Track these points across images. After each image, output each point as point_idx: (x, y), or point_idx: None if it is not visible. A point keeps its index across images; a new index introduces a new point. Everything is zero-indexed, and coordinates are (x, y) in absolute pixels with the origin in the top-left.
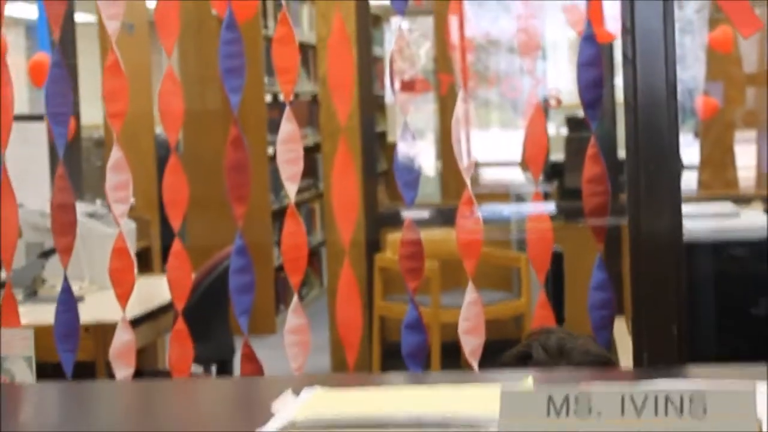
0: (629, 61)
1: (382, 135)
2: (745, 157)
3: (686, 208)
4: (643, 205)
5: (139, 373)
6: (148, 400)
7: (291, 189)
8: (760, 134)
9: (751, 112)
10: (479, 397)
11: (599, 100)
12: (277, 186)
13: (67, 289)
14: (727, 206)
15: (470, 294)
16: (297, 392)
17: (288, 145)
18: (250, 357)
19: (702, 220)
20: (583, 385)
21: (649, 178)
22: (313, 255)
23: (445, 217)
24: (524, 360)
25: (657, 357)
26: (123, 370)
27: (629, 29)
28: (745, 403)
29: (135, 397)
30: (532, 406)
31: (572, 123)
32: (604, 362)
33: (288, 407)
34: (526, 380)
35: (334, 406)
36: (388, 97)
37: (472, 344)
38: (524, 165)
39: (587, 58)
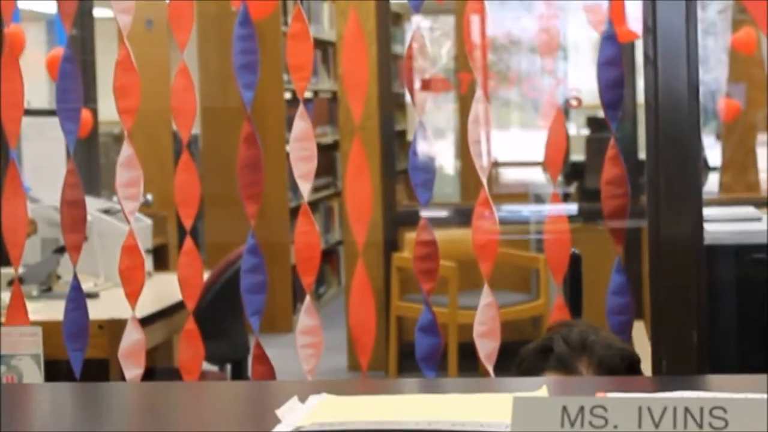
0: (651, 62)
1: (402, 133)
2: (765, 160)
3: (707, 212)
4: (663, 208)
5: (152, 372)
6: (155, 403)
7: (304, 187)
8: None
9: None
10: (491, 404)
11: (620, 100)
12: (295, 183)
13: (76, 287)
14: (750, 210)
15: (485, 297)
16: (305, 398)
17: (301, 143)
18: (261, 358)
19: (723, 224)
20: (599, 395)
21: (669, 181)
22: (332, 253)
23: (464, 216)
24: (545, 353)
25: (676, 364)
26: (132, 370)
27: (651, 29)
28: (767, 415)
29: (141, 401)
30: (546, 415)
31: (593, 123)
32: (627, 357)
33: (293, 413)
34: (541, 389)
35: (341, 413)
36: (408, 96)
37: (487, 348)
38: (545, 165)
39: (608, 57)
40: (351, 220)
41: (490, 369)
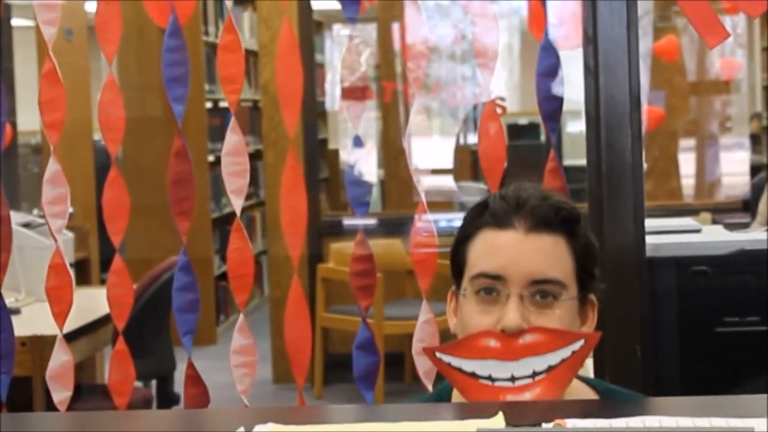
0: (591, 72)
1: (323, 142)
2: (687, 166)
3: (647, 223)
4: (606, 220)
5: (77, 389)
6: None
7: (237, 203)
8: (701, 143)
9: (693, 120)
10: None
11: (559, 111)
12: (217, 194)
13: (2, 307)
14: (688, 221)
15: (424, 313)
16: (250, 427)
17: (233, 158)
18: (194, 380)
19: (663, 235)
20: (558, 422)
21: (611, 192)
22: (254, 264)
23: (387, 226)
24: (482, 210)
25: (620, 379)
26: (61, 392)
27: (591, 39)
28: None
29: None
30: None
31: (513, 131)
32: (563, 209)
33: None
34: (497, 416)
35: None
36: (329, 104)
37: (426, 365)
38: (456, 172)
39: (546, 68)
40: (286, 234)
41: (429, 386)
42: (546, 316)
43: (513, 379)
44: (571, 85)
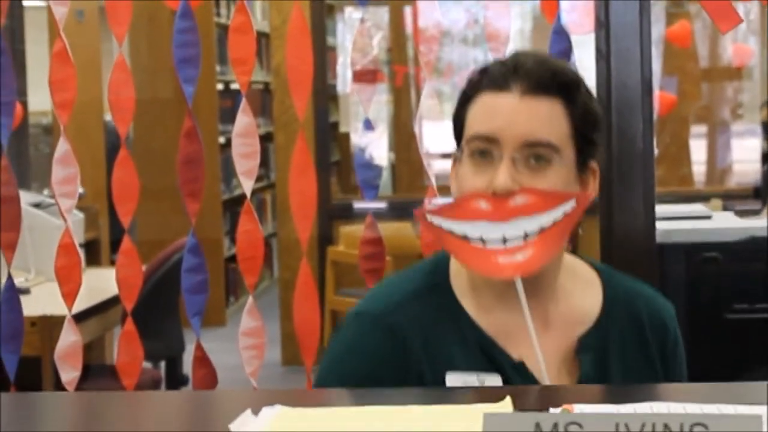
0: (603, 57)
1: (334, 125)
2: (698, 152)
3: (658, 209)
4: (616, 205)
5: (87, 369)
6: (96, 415)
7: (247, 185)
8: (713, 129)
9: (705, 107)
10: (458, 417)
11: None
12: (228, 175)
13: (11, 287)
14: (699, 207)
15: None
16: (257, 410)
17: (244, 139)
18: (202, 361)
19: (674, 222)
20: (566, 407)
21: (622, 178)
22: (265, 246)
23: (397, 210)
24: (481, 75)
25: None
26: (69, 372)
27: (604, 24)
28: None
29: (79, 413)
30: (517, 431)
31: None
32: (560, 73)
33: (248, 427)
34: (504, 400)
35: (300, 427)
36: (340, 87)
37: None
38: None
39: (558, 51)
40: (295, 217)
41: None
42: (539, 180)
43: (504, 240)
44: (583, 70)
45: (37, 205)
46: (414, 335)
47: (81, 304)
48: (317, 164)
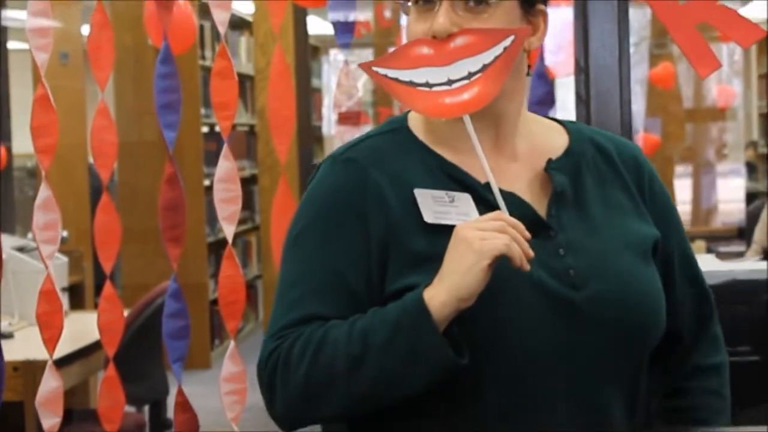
0: (583, 101)
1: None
2: (683, 192)
3: None
4: None
5: (69, 414)
6: None
7: (228, 230)
8: (697, 170)
9: (689, 147)
10: None
11: None
12: (212, 218)
13: None
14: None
15: None
16: None
17: (225, 184)
18: (184, 406)
19: None
20: None
21: None
22: (250, 288)
23: None
24: None
25: None
26: (50, 419)
27: (583, 68)
28: None
29: None
30: None
31: None
32: None
33: None
34: None
35: None
36: (326, 129)
37: None
38: None
39: (539, 96)
40: (277, 260)
41: None
42: (480, 21)
43: (450, 82)
44: (566, 112)
45: (20, 249)
46: (373, 164)
47: (64, 348)
48: None
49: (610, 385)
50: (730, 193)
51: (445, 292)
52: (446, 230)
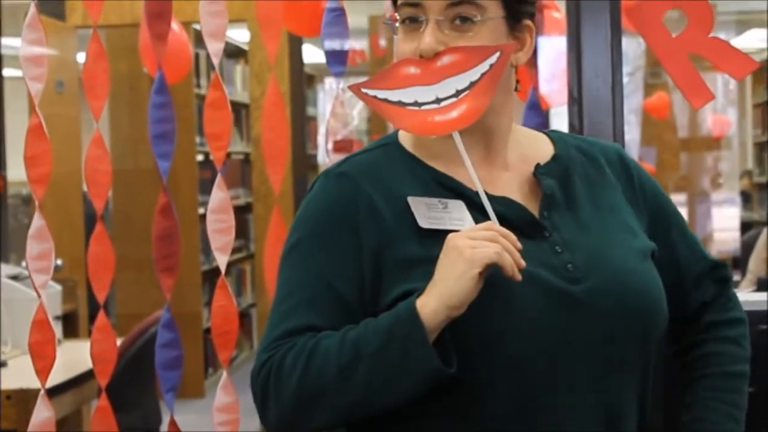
0: (576, 131)
1: None
2: None
3: None
4: None
5: None
6: None
7: (222, 260)
8: (692, 199)
9: (684, 176)
10: None
11: None
12: (207, 246)
13: None
14: None
15: None
16: None
17: (218, 215)
18: None
19: None
20: None
21: None
22: (244, 317)
23: None
24: None
25: None
26: None
27: (576, 99)
28: None
29: None
30: None
31: None
32: None
33: None
34: None
35: None
36: (321, 157)
37: None
38: None
39: (534, 128)
40: (271, 290)
41: None
42: (466, 39)
43: (438, 100)
44: None
45: (14, 278)
46: (366, 178)
47: (57, 377)
48: None
49: (619, 376)
50: (725, 222)
51: (436, 299)
52: (440, 236)
